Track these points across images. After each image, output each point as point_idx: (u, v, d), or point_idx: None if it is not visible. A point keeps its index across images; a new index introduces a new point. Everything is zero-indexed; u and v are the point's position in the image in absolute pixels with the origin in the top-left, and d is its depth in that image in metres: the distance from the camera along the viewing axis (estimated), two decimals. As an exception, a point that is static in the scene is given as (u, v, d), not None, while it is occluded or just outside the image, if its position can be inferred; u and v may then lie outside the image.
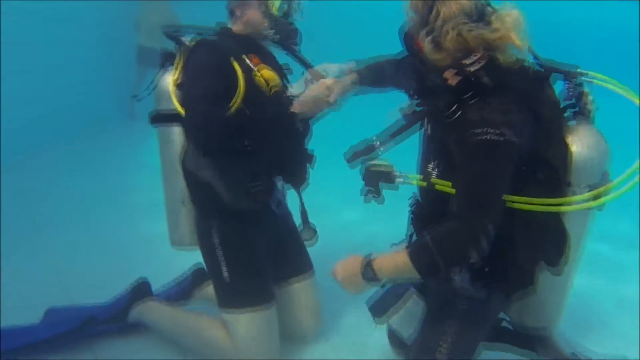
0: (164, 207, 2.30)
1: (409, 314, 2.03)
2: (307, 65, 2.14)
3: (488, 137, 1.55)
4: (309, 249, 2.42)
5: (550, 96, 1.73)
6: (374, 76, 2.10)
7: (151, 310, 2.30)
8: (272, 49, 2.22)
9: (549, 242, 1.72)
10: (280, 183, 2.16)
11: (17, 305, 2.51)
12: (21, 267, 2.94)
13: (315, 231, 2.31)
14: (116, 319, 2.31)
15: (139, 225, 3.52)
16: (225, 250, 2.09)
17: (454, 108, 1.63)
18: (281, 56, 2.24)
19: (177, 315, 2.25)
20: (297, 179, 2.24)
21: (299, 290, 2.32)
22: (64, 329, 2.22)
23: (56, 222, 3.63)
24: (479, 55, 1.62)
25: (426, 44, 1.64)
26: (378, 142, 1.85)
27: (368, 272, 1.68)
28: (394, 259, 1.67)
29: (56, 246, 3.24)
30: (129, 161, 4.97)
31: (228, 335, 2.09)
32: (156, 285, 2.49)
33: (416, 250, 1.63)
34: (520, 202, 1.63)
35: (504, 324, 2.06)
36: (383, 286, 1.94)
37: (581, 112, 1.81)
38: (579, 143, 1.78)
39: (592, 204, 1.70)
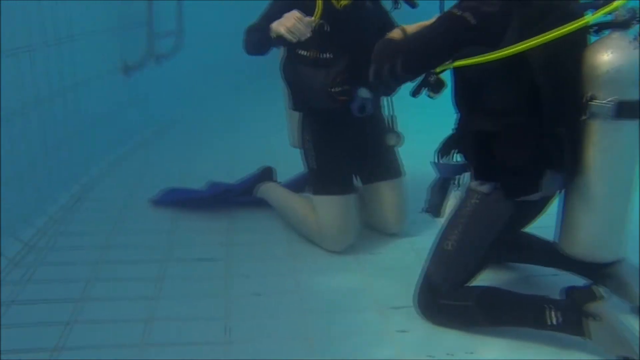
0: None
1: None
2: None
3: (451, 10, 1.72)
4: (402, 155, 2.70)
5: None
6: None
7: (269, 189, 2.92)
8: None
9: (545, 146, 1.79)
10: (363, 90, 2.39)
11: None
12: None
13: (400, 136, 2.55)
14: (245, 192, 3.01)
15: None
16: (314, 145, 2.56)
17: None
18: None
19: (286, 196, 2.80)
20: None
21: (386, 189, 2.65)
22: (214, 192, 3.04)
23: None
24: None
25: None
26: None
27: None
28: None
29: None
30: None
31: (315, 216, 2.56)
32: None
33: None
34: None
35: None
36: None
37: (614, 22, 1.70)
38: (606, 53, 1.69)
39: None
